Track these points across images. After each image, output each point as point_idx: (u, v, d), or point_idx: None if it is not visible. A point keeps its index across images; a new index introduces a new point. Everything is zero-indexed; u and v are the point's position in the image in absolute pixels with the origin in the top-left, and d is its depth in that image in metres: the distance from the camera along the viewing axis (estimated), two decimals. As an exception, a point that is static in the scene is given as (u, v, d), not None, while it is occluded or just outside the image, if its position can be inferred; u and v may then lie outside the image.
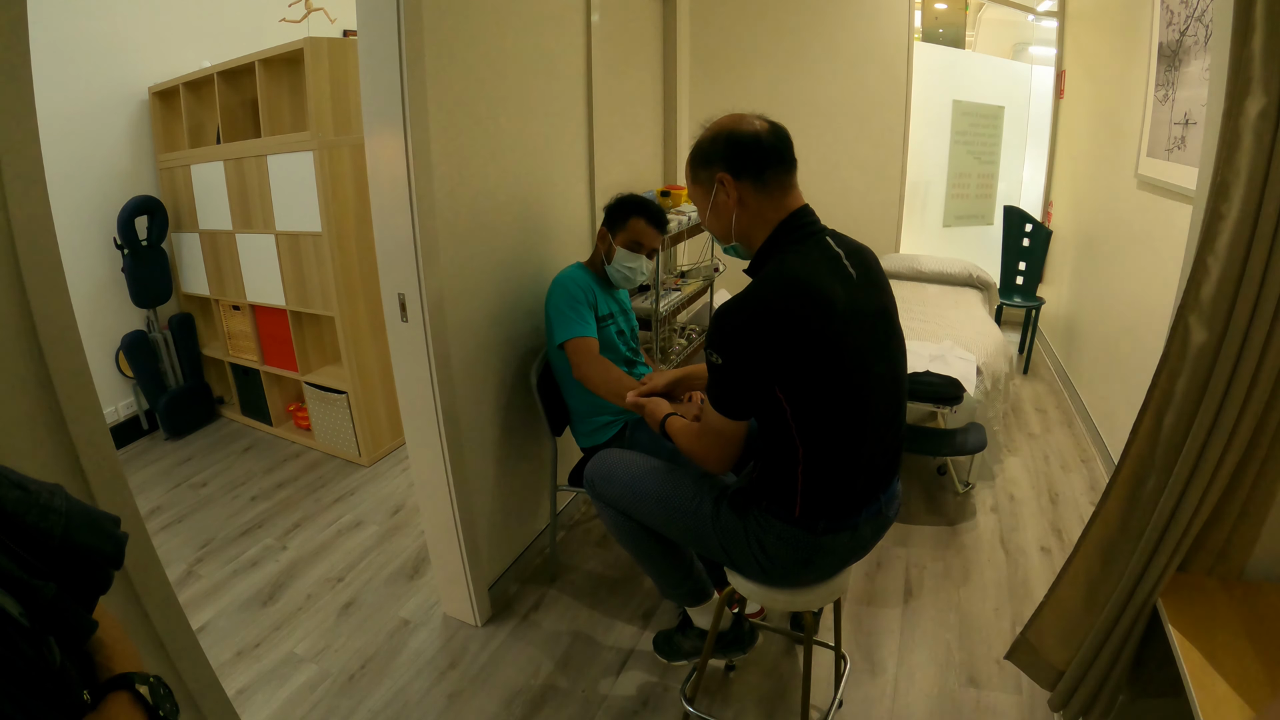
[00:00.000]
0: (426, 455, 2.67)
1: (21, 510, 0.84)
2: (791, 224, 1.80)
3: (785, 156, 1.81)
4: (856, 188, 5.66)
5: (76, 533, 0.89)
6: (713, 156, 1.82)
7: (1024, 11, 6.92)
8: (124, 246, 4.48)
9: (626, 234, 2.76)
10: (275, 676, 2.71)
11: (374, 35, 2.22)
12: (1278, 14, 1.51)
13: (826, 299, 1.67)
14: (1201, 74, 2.87)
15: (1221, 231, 1.70)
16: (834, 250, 1.79)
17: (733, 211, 1.82)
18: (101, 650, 0.97)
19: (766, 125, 1.81)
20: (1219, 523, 1.92)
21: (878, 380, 1.80)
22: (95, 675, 0.95)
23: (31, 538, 0.84)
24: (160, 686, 0.97)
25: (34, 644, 0.80)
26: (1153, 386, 1.90)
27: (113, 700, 0.91)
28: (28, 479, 0.88)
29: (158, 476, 4.36)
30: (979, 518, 3.55)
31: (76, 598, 0.90)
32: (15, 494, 0.85)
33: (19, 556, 0.82)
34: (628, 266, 2.79)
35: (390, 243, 2.42)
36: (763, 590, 2.02)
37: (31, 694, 0.78)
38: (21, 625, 0.78)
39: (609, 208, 2.83)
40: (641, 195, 2.87)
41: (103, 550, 0.93)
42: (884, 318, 1.85)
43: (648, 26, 4.10)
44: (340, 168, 3.88)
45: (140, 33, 4.50)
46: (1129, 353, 3.73)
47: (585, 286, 2.76)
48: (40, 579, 0.83)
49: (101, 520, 0.94)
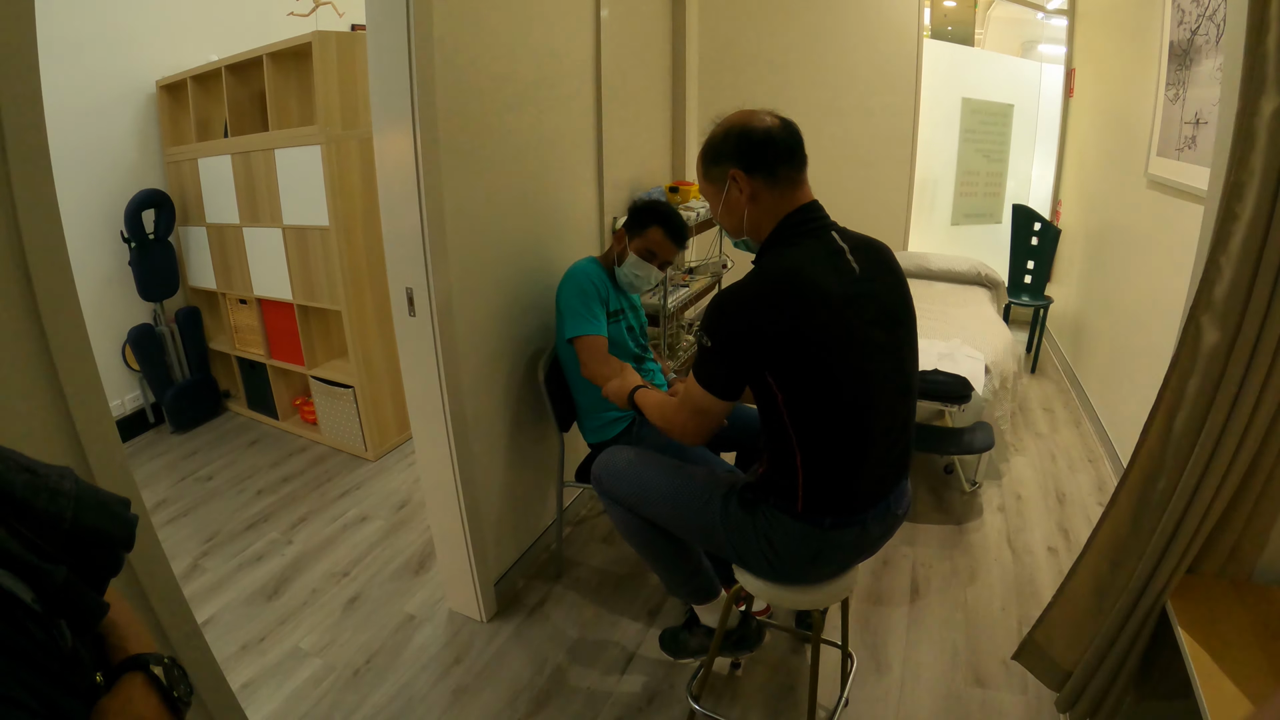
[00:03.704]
0: (433, 450, 2.67)
1: (31, 494, 0.84)
2: (798, 218, 1.81)
3: (796, 153, 1.82)
4: (865, 185, 5.64)
5: (86, 515, 0.88)
6: (725, 153, 1.82)
7: (1034, 9, 6.90)
8: (131, 240, 4.48)
9: (643, 241, 2.74)
10: (280, 671, 2.71)
11: (383, 30, 2.22)
12: (1294, 12, 1.50)
13: (819, 289, 1.68)
14: (1213, 73, 2.85)
15: (1235, 232, 1.69)
16: (838, 245, 1.79)
17: (744, 207, 1.83)
18: (114, 632, 0.98)
19: (778, 121, 1.81)
20: (1229, 524, 1.91)
21: (881, 377, 1.79)
22: (108, 657, 0.96)
23: (42, 521, 0.84)
24: (175, 668, 0.98)
25: (45, 628, 0.81)
26: (1164, 387, 1.89)
27: (127, 681, 0.93)
28: (37, 463, 0.88)
29: (164, 470, 4.37)
30: (986, 517, 3.54)
31: (87, 580, 0.90)
32: (24, 478, 0.85)
33: (29, 540, 0.82)
34: (636, 274, 2.78)
35: (398, 237, 2.42)
36: (770, 588, 2.02)
37: (43, 677, 0.78)
38: (32, 610, 0.79)
39: (633, 210, 2.80)
40: (668, 205, 2.85)
41: (113, 533, 0.93)
42: (891, 315, 1.84)
43: (657, 22, 4.09)
44: (348, 162, 3.88)
45: (148, 26, 4.50)
46: (1137, 353, 3.71)
47: (598, 280, 2.75)
48: (51, 563, 0.83)
49: (111, 503, 0.94)
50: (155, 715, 0.93)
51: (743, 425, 2.76)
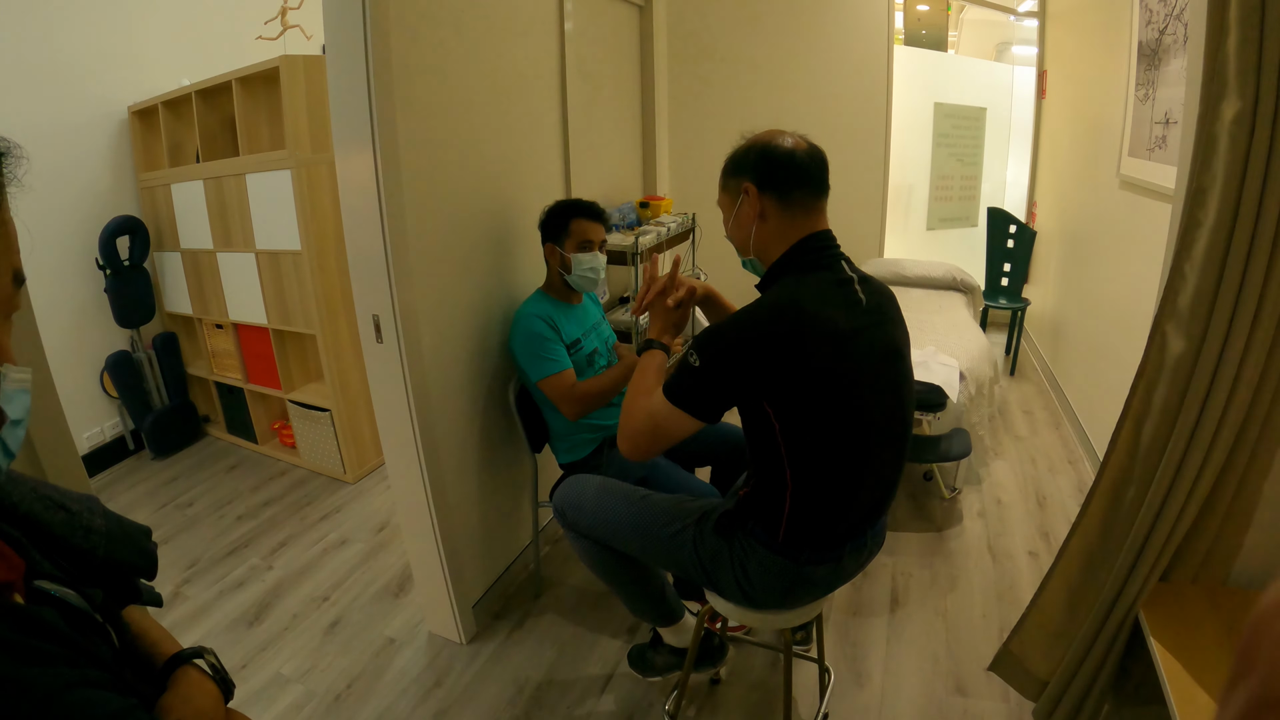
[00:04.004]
0: (406, 475, 2.66)
1: (67, 533, 0.93)
2: (808, 245, 1.78)
3: (815, 179, 1.79)
4: (838, 192, 5.51)
5: (117, 551, 0.98)
6: (743, 166, 1.81)
7: (1005, 12, 6.93)
8: (106, 267, 4.45)
9: (574, 238, 2.72)
10: (262, 697, 2.69)
11: (341, 54, 2.21)
12: (1252, 16, 1.50)
13: (825, 324, 1.64)
14: (1181, 73, 2.86)
15: (1198, 239, 1.69)
16: (847, 274, 1.76)
17: (753, 224, 1.80)
18: (145, 639, 1.08)
19: (805, 145, 1.79)
20: (1202, 531, 1.91)
21: (880, 415, 1.76)
22: (149, 663, 1.04)
23: (77, 555, 0.93)
24: (215, 657, 1.07)
25: (97, 631, 0.89)
26: (1131, 396, 1.89)
27: (182, 676, 1.01)
28: (67, 496, 0.97)
29: (144, 497, 4.34)
30: (966, 523, 3.54)
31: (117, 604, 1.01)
32: (60, 516, 0.93)
33: (67, 569, 0.90)
34: (589, 268, 2.75)
35: (363, 263, 2.41)
36: (742, 611, 2.00)
37: (106, 670, 0.83)
38: (82, 611, 0.87)
39: (544, 224, 2.79)
40: (565, 199, 2.85)
41: (137, 565, 1.02)
42: (894, 355, 1.81)
43: (624, 35, 4.09)
44: (319, 185, 3.86)
45: (119, 52, 4.48)
46: (1115, 352, 3.72)
47: (546, 318, 2.70)
48: (89, 586, 0.92)
49: (136, 535, 1.04)
50: (214, 701, 1.01)
51: (719, 440, 2.75)
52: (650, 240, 3.60)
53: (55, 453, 1.49)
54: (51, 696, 0.71)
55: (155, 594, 1.10)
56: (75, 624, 0.83)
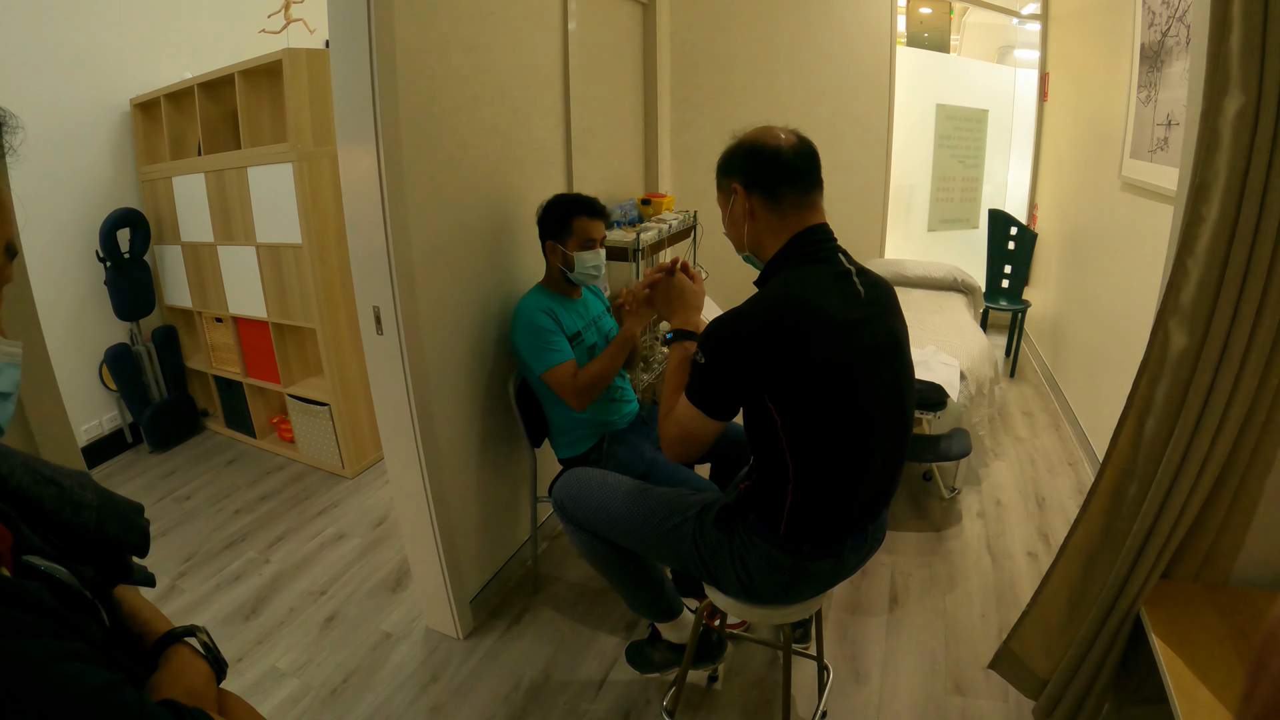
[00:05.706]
0: (405, 469, 2.65)
1: (57, 507, 0.91)
2: (803, 239, 1.77)
3: (803, 174, 1.78)
4: (840, 193, 5.59)
5: (107, 525, 0.96)
6: (732, 166, 1.81)
7: (1008, 15, 6.93)
8: (106, 259, 4.44)
9: (576, 236, 2.70)
10: (258, 691, 2.68)
11: (345, 48, 2.20)
12: (1255, 11, 1.50)
13: (822, 315, 1.64)
14: (1183, 74, 2.85)
15: (1201, 234, 1.69)
16: (845, 267, 1.76)
17: (745, 222, 1.80)
18: (136, 617, 1.06)
19: (794, 140, 1.78)
20: (1203, 529, 1.90)
21: (880, 406, 1.76)
22: (140, 643, 1.03)
23: (68, 531, 0.92)
24: (207, 636, 1.07)
25: (87, 609, 0.88)
26: (1133, 392, 1.88)
27: (174, 653, 1.00)
28: (59, 472, 0.95)
29: (142, 490, 4.33)
30: (965, 523, 3.53)
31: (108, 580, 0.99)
32: (50, 490, 0.91)
33: (58, 545, 0.89)
34: (592, 265, 2.74)
35: (364, 255, 2.40)
36: (742, 606, 2.00)
37: (95, 646, 0.82)
38: (72, 588, 0.86)
39: (544, 220, 2.77)
40: (566, 194, 2.83)
41: (129, 541, 1.01)
42: (894, 346, 1.81)
43: (627, 34, 4.08)
44: (320, 179, 3.86)
45: (121, 44, 4.47)
46: (1115, 354, 3.72)
47: (547, 309, 2.70)
48: (80, 563, 0.90)
49: (128, 511, 1.02)
50: (206, 679, 1.00)
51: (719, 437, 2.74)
52: (651, 237, 3.58)
53: (55, 444, 1.48)
54: (35, 668, 0.71)
55: (147, 573, 1.09)
56: (64, 600, 0.82)
